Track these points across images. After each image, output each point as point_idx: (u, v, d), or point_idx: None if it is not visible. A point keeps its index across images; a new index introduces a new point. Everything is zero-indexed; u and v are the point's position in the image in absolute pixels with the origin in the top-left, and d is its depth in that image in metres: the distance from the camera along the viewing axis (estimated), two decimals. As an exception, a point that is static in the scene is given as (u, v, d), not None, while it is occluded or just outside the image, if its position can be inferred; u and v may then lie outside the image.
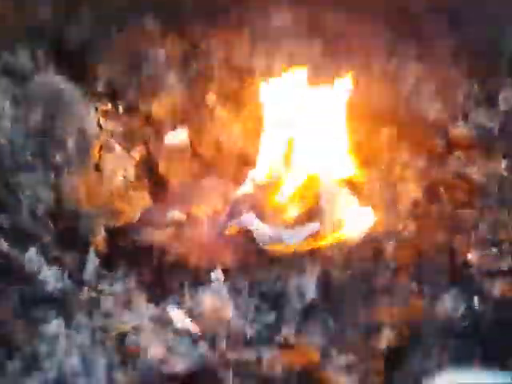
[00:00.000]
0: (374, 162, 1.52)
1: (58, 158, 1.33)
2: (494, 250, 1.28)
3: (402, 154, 1.51)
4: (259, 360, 1.03)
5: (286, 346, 1.08)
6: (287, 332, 1.10)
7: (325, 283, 1.23)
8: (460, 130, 1.55)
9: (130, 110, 1.55)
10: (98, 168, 1.40)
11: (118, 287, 1.11)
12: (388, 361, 1.07)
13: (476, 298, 1.18)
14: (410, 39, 1.62)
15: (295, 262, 1.26)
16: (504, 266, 1.25)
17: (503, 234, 1.32)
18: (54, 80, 1.43)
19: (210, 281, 1.17)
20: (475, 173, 1.46)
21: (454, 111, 1.57)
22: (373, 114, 1.56)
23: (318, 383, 1.02)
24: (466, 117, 1.56)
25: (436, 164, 1.49)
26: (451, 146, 1.53)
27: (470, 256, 1.28)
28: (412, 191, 1.44)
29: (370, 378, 1.04)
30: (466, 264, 1.27)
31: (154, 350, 0.97)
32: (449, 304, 1.17)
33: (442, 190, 1.44)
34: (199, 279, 1.19)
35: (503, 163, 1.45)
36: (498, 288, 1.20)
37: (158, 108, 1.58)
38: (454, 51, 1.60)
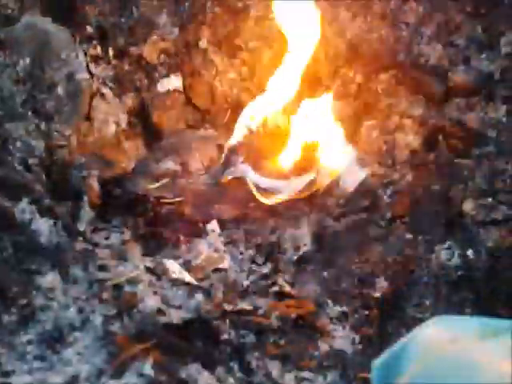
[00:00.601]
0: (371, 109, 1.49)
1: (48, 105, 1.29)
2: (490, 199, 1.28)
3: (400, 101, 1.48)
4: (255, 310, 1.05)
5: (281, 296, 1.09)
6: (282, 282, 1.12)
7: (320, 233, 1.23)
8: (460, 76, 1.50)
9: (121, 54, 1.49)
10: (89, 116, 1.36)
11: (113, 239, 1.11)
12: (382, 310, 1.09)
13: (470, 248, 1.19)
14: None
15: (290, 212, 1.26)
16: (499, 215, 1.25)
17: (499, 183, 1.31)
18: (41, 23, 1.36)
19: (205, 232, 1.17)
20: (474, 120, 1.43)
21: (455, 56, 1.52)
22: (371, 58, 1.51)
23: (313, 332, 1.04)
24: (467, 61, 1.51)
25: (435, 111, 1.46)
26: (451, 92, 1.49)
27: (465, 206, 1.28)
28: (410, 140, 1.42)
29: (364, 326, 1.07)
30: (462, 214, 1.27)
31: (150, 301, 0.98)
32: (443, 253, 1.19)
33: (440, 138, 1.42)
34: (195, 230, 1.19)
35: (503, 109, 1.42)
36: (492, 238, 1.21)
37: (150, 52, 1.52)
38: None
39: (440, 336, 0.55)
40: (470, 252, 1.18)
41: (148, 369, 0.85)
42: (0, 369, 0.86)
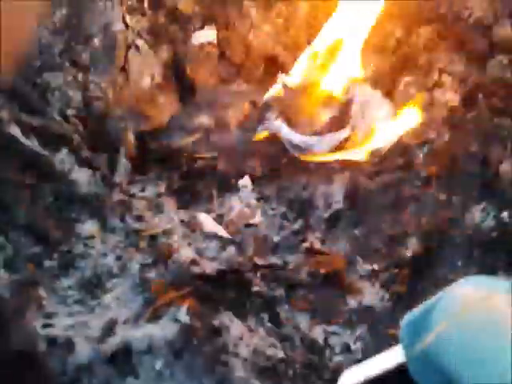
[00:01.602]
0: (410, 64, 1.45)
1: (85, 57, 1.29)
2: (530, 161, 1.24)
3: (441, 57, 1.42)
4: (285, 265, 1.07)
5: (311, 252, 1.10)
6: (313, 239, 1.13)
7: (352, 191, 1.23)
8: (505, 31, 1.43)
9: (156, 4, 1.47)
10: (124, 68, 1.37)
11: (149, 191, 1.13)
12: (413, 269, 1.10)
13: (506, 210, 1.16)
14: None
15: (323, 169, 1.26)
16: (538, 178, 1.22)
17: (541, 144, 1.27)
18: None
19: (238, 188, 1.18)
20: (517, 78, 1.38)
21: (500, 9, 1.45)
22: (411, 10, 1.45)
23: (342, 288, 1.06)
24: (513, 15, 1.44)
25: (476, 68, 1.41)
26: (494, 48, 1.43)
27: (503, 167, 1.25)
28: (448, 97, 1.38)
29: (394, 284, 1.07)
30: (499, 175, 1.24)
31: (185, 252, 1.00)
32: (477, 215, 1.17)
33: (480, 96, 1.37)
34: (227, 185, 1.20)
35: (549, 67, 1.36)
36: (529, 200, 1.18)
37: (185, 3, 1.49)
38: None
39: (471, 294, 0.55)
40: (505, 214, 1.16)
41: (183, 315, 0.88)
42: (43, 311, 0.90)
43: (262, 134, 1.30)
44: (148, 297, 0.92)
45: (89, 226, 1.00)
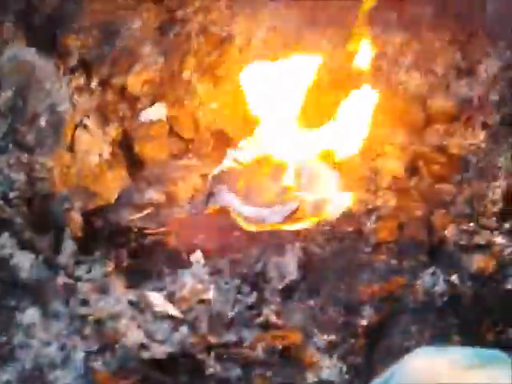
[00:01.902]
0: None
1: (30, 137, 1.28)
2: (472, 224, 1.29)
3: (382, 129, 1.50)
4: (240, 342, 1.04)
5: (267, 326, 1.08)
6: (268, 312, 1.11)
7: (305, 261, 1.23)
8: (440, 102, 1.53)
9: (104, 84, 1.50)
10: (71, 147, 1.36)
11: (96, 272, 1.09)
12: (369, 338, 1.09)
13: (454, 273, 1.19)
14: (390, 7, 1.58)
15: (275, 240, 1.26)
16: (481, 240, 1.26)
17: (481, 208, 1.33)
18: (25, 54, 1.37)
19: (189, 263, 1.16)
20: (454, 146, 1.46)
21: (434, 83, 1.55)
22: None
23: (300, 363, 1.03)
24: (446, 88, 1.54)
25: (416, 137, 1.48)
26: (431, 118, 1.52)
27: (447, 231, 1.29)
28: (392, 166, 1.44)
29: (352, 355, 1.06)
30: (445, 239, 1.28)
31: (133, 336, 0.96)
32: (428, 279, 1.19)
33: (421, 164, 1.44)
34: (179, 261, 1.18)
35: (482, 135, 1.45)
36: (475, 262, 1.21)
37: (134, 82, 1.52)
38: (434, 19, 1.58)
39: (421, 371, 0.55)
40: (454, 277, 1.19)
41: (131, 407, 0.83)
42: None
43: (213, 208, 1.30)
44: (93, 389, 0.86)
45: (30, 314, 0.95)
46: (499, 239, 1.25)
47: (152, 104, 1.51)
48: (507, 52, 1.50)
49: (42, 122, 1.30)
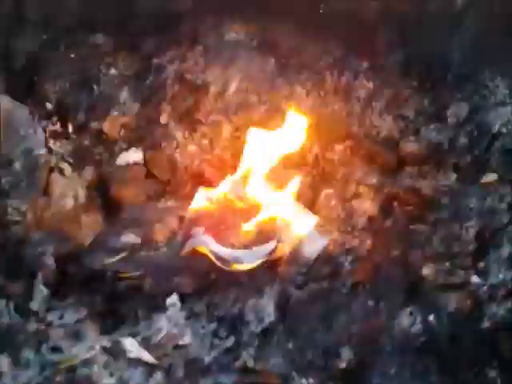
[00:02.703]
0: (329, 178, 1.54)
1: (4, 181, 1.27)
2: (447, 264, 1.31)
3: (356, 170, 1.52)
4: (218, 387, 1.01)
5: (245, 371, 1.06)
6: (246, 357, 1.09)
7: (283, 303, 1.22)
8: (411, 146, 1.57)
9: (81, 129, 1.51)
10: (46, 191, 1.35)
11: (68, 318, 1.06)
12: (347, 381, 1.07)
13: (431, 313, 1.19)
14: (360, 55, 1.64)
15: (252, 282, 1.25)
16: (457, 279, 1.27)
17: (456, 247, 1.35)
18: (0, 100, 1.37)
19: (165, 307, 1.14)
20: (427, 187, 1.49)
21: (405, 127, 1.60)
22: (326, 130, 1.57)
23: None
24: (416, 132, 1.59)
25: (389, 179, 1.51)
26: (403, 161, 1.55)
27: (424, 271, 1.30)
28: (367, 206, 1.46)
29: (330, 399, 1.04)
30: (421, 278, 1.29)
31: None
32: (405, 320, 1.19)
33: (395, 205, 1.46)
34: (154, 305, 1.15)
35: (453, 176, 1.49)
36: (452, 302, 1.22)
37: (110, 127, 1.54)
38: (403, 66, 1.64)
39: None
40: (431, 317, 1.19)
41: None
42: None
43: (189, 250, 1.29)
44: None
45: (-1, 362, 0.91)
46: (474, 278, 1.27)
47: (129, 147, 1.52)
48: (474, 96, 1.56)
49: (17, 166, 1.30)
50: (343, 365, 1.09)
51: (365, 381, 1.06)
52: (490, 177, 1.44)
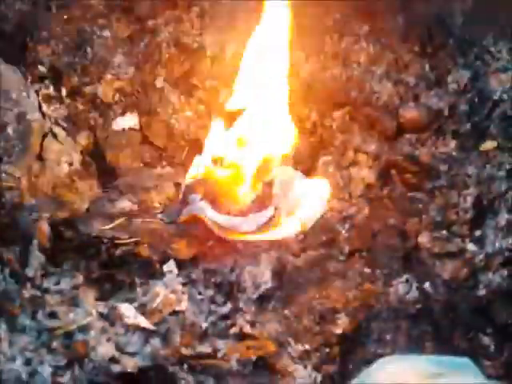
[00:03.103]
0: (327, 145, 1.52)
1: (-3, 147, 1.25)
2: (444, 232, 1.31)
3: (354, 137, 1.51)
4: (214, 353, 1.02)
5: (241, 336, 1.07)
6: (243, 323, 1.09)
7: (280, 270, 1.22)
8: (411, 112, 1.55)
9: (74, 93, 1.48)
10: (40, 156, 1.33)
11: (65, 284, 1.06)
12: (343, 346, 1.08)
13: (427, 281, 1.20)
14: (360, 19, 1.60)
15: (250, 249, 1.25)
16: (453, 247, 1.27)
17: (453, 215, 1.35)
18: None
19: (162, 273, 1.14)
20: (425, 154, 1.47)
21: (404, 93, 1.58)
22: (325, 96, 1.55)
23: (274, 373, 1.02)
24: (417, 98, 1.56)
25: (387, 147, 1.50)
26: (402, 128, 1.54)
27: (421, 239, 1.30)
28: (365, 174, 1.45)
29: (326, 364, 1.05)
30: (418, 247, 1.29)
31: (103, 349, 0.93)
32: (401, 287, 1.19)
33: (393, 172, 1.45)
34: (151, 271, 1.16)
35: (452, 144, 1.47)
36: (448, 270, 1.23)
37: (105, 91, 1.51)
38: (404, 31, 1.60)
39: (385, 382, 0.55)
40: (427, 285, 1.19)
41: (99, 423, 0.80)
42: None
43: (186, 217, 1.29)
44: (61, 404, 0.83)
45: (-5, 328, 0.91)
46: (470, 246, 1.27)
47: (124, 112, 1.50)
48: (476, 62, 1.53)
49: (10, 130, 1.27)
50: (339, 331, 1.10)
51: (360, 346, 1.08)
52: (490, 144, 1.42)
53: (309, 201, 1.34)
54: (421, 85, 1.57)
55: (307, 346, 1.07)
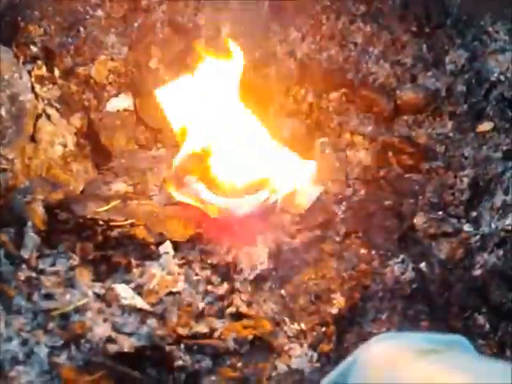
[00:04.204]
0: (323, 126, 1.51)
1: (-11, 128, 1.23)
2: (440, 213, 1.31)
3: (351, 119, 1.50)
4: (211, 333, 1.02)
5: (238, 316, 1.07)
6: (239, 302, 1.10)
7: (276, 251, 1.22)
8: (408, 93, 1.54)
9: (68, 74, 1.46)
10: (34, 138, 1.31)
11: (60, 265, 1.06)
12: (339, 326, 1.09)
13: (423, 261, 1.20)
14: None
15: (246, 230, 1.25)
16: (449, 228, 1.28)
17: (449, 196, 1.35)
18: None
19: (158, 254, 1.14)
20: (422, 136, 1.47)
21: (402, 74, 1.56)
22: (321, 77, 1.54)
23: (270, 352, 1.02)
24: (414, 79, 1.55)
25: (384, 128, 1.49)
26: (399, 109, 1.53)
27: (417, 219, 1.30)
28: (361, 156, 1.45)
29: (322, 343, 1.06)
30: (414, 227, 1.29)
31: (100, 330, 0.93)
32: (397, 267, 1.20)
33: (390, 154, 1.45)
34: (147, 253, 1.15)
35: (449, 125, 1.47)
36: (444, 250, 1.23)
37: (99, 72, 1.49)
38: (401, 11, 1.58)
39: (379, 357, 0.55)
40: (422, 265, 1.20)
41: (96, 402, 0.80)
42: None
43: (181, 198, 1.28)
44: (58, 385, 0.83)
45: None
46: (466, 227, 1.27)
47: (118, 93, 1.48)
48: (474, 43, 1.52)
49: (3, 112, 1.26)
50: (335, 310, 1.11)
51: (356, 326, 1.08)
52: (487, 125, 1.42)
53: (304, 183, 1.34)
54: (418, 65, 1.55)
55: (303, 326, 1.08)
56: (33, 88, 1.34)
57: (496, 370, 0.56)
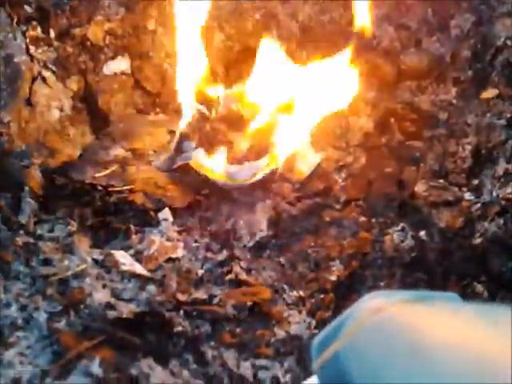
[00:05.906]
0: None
1: (-16, 91, 1.20)
2: (441, 181, 1.30)
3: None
4: (210, 299, 1.03)
5: (237, 283, 1.07)
6: (238, 270, 1.10)
7: (276, 218, 1.22)
8: (412, 58, 1.51)
9: (63, 35, 1.41)
10: (30, 101, 1.29)
11: (58, 231, 1.05)
12: (338, 293, 1.09)
13: (423, 229, 1.20)
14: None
15: (245, 198, 1.24)
16: (450, 196, 1.27)
17: (450, 164, 1.33)
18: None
19: (157, 221, 1.13)
20: (425, 102, 1.44)
21: (406, 38, 1.52)
22: (324, 40, 1.50)
23: (269, 319, 1.03)
24: (418, 44, 1.52)
25: (387, 94, 1.46)
26: (402, 74, 1.50)
27: (417, 187, 1.29)
28: (363, 122, 1.42)
29: (320, 310, 1.06)
30: (414, 195, 1.28)
31: (99, 295, 0.93)
32: (396, 235, 1.19)
33: (392, 120, 1.42)
34: (146, 219, 1.15)
35: (453, 91, 1.44)
36: (444, 218, 1.22)
37: (95, 33, 1.45)
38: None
39: (369, 308, 0.55)
40: (422, 233, 1.19)
41: (96, 367, 0.81)
42: None
43: (180, 164, 1.26)
44: (57, 350, 0.84)
45: (-12, 274, 0.91)
46: (467, 195, 1.26)
47: (115, 56, 1.44)
48: (481, 6, 1.48)
49: (-3, 74, 1.23)
50: (334, 278, 1.11)
51: (354, 293, 1.09)
52: (491, 92, 1.39)
53: (304, 150, 1.32)
54: (423, 30, 1.51)
55: (302, 293, 1.08)
56: (27, 50, 1.31)
57: (492, 308, 0.57)
